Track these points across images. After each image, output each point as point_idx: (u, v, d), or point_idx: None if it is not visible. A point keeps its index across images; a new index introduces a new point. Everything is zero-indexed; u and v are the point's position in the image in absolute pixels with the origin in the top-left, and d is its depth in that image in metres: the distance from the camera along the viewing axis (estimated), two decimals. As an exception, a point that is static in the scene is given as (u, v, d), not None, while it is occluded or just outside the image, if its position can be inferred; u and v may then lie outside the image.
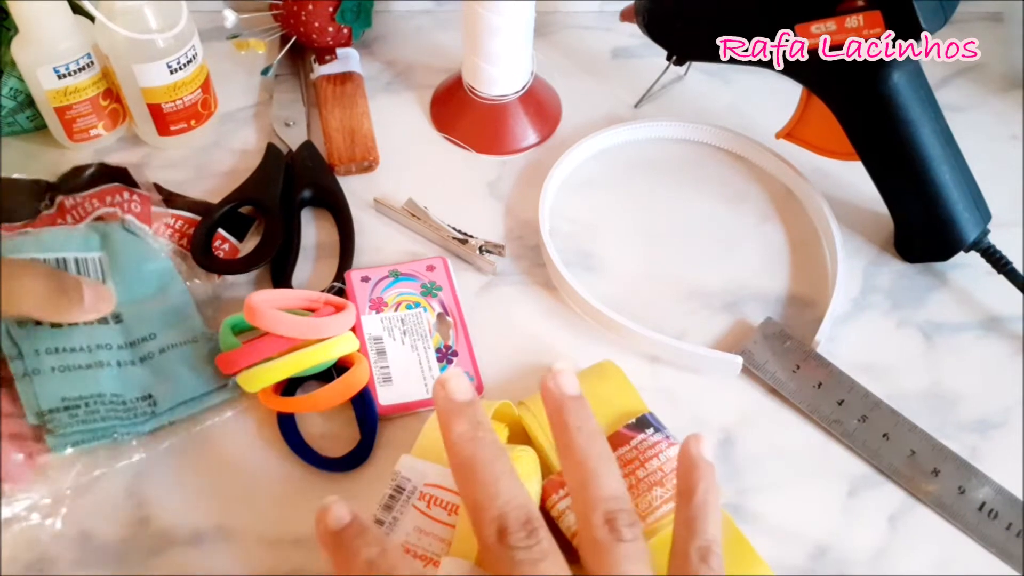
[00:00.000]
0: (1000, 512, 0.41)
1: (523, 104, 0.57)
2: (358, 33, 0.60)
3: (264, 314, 0.42)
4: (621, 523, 0.31)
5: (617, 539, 0.30)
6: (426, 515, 0.36)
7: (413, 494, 0.36)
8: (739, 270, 0.51)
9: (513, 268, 0.51)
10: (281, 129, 0.56)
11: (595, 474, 0.32)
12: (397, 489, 0.36)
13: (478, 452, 0.31)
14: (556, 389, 0.34)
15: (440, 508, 0.36)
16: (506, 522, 0.30)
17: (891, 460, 0.43)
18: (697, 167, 0.56)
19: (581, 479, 0.32)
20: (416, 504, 0.36)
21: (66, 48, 0.49)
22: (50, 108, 0.51)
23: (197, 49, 0.52)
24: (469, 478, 0.31)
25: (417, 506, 0.36)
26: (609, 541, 0.30)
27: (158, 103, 0.52)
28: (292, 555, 0.39)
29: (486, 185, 0.55)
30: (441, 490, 0.36)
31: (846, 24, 0.44)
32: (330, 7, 0.58)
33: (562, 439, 0.33)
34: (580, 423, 0.33)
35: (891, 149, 0.48)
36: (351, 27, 0.59)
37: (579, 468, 0.32)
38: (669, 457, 0.39)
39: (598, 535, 0.30)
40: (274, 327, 0.42)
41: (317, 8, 0.58)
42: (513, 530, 0.30)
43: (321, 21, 0.58)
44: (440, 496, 0.36)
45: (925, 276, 0.51)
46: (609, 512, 0.31)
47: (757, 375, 0.46)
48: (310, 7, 0.58)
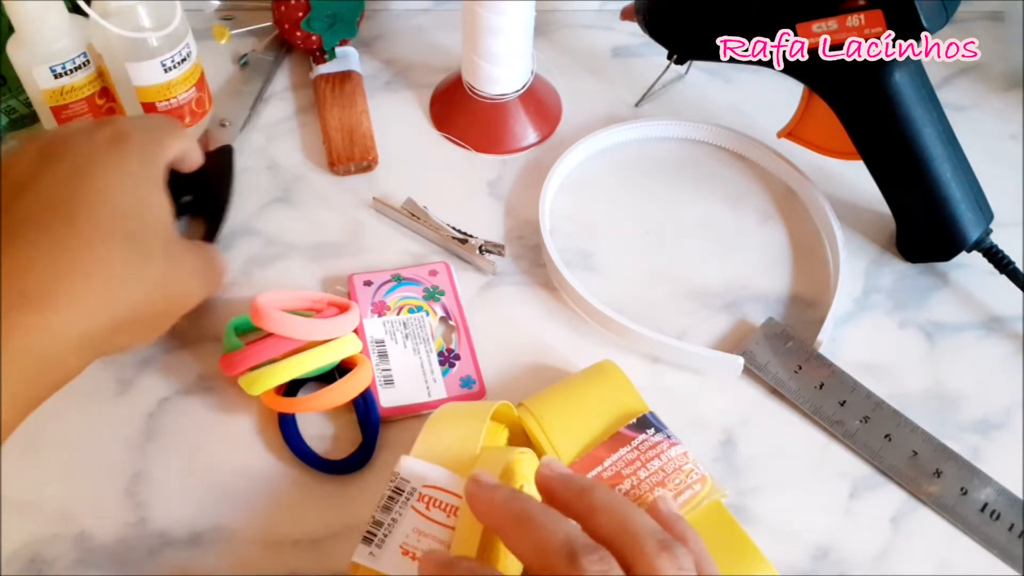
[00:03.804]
0: (1002, 513, 0.41)
1: (523, 103, 0.56)
2: (330, 43, 0.58)
3: (270, 316, 0.42)
4: (675, 547, 0.31)
5: (676, 560, 0.30)
6: (425, 516, 0.36)
7: (412, 495, 0.36)
8: (740, 270, 0.51)
9: (513, 268, 0.50)
10: (215, 128, 0.55)
11: (631, 515, 0.32)
12: (396, 490, 0.36)
13: (527, 505, 0.32)
14: (554, 472, 0.34)
15: (439, 510, 0.36)
16: (575, 547, 0.30)
17: (893, 461, 0.43)
18: (698, 166, 0.56)
19: (619, 522, 0.32)
20: (415, 505, 0.36)
21: (62, 47, 0.49)
22: (46, 109, 0.51)
23: (191, 48, 0.52)
24: (527, 526, 0.31)
25: (416, 507, 0.36)
26: (672, 565, 0.30)
27: (152, 102, 0.52)
28: (291, 556, 0.39)
29: (486, 185, 0.55)
30: (440, 492, 0.36)
31: (847, 23, 0.44)
32: (299, 12, 0.57)
33: (582, 502, 0.33)
34: (590, 484, 0.34)
35: (893, 148, 0.48)
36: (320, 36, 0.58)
37: (610, 515, 0.32)
38: (671, 457, 0.39)
39: (660, 563, 0.30)
40: (280, 329, 0.42)
41: (288, 10, 0.57)
42: (584, 552, 0.30)
43: (291, 24, 0.58)
44: (439, 498, 0.36)
45: (927, 276, 0.51)
46: (662, 541, 0.31)
47: (758, 375, 0.46)
48: (282, 8, 0.57)
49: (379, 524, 0.36)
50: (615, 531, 0.32)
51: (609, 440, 0.40)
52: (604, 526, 0.32)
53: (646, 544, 0.30)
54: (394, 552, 0.35)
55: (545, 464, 0.35)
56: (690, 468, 0.39)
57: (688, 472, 0.39)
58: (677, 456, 0.39)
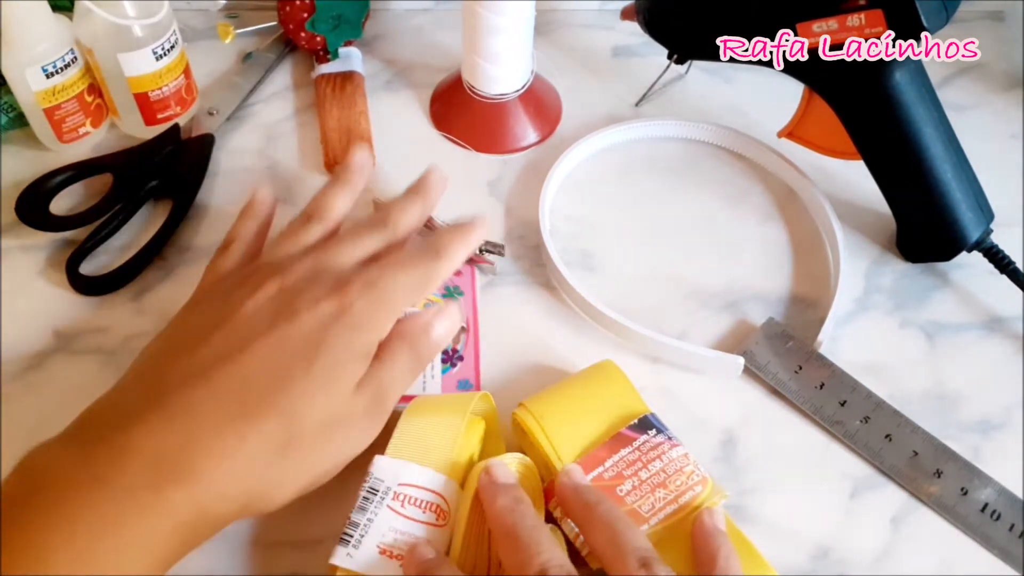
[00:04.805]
0: (1002, 513, 0.41)
1: (523, 103, 0.56)
2: (334, 44, 0.58)
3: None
4: (656, 566, 0.33)
5: None
6: (400, 514, 0.36)
7: (387, 494, 0.36)
8: (740, 270, 0.51)
9: (513, 268, 0.50)
10: (203, 115, 0.56)
11: (624, 531, 0.34)
12: (371, 490, 0.37)
13: (519, 521, 0.34)
14: (570, 482, 0.37)
15: (414, 507, 0.36)
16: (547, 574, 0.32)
17: (893, 461, 0.43)
18: (698, 166, 0.56)
19: (611, 536, 0.34)
20: (391, 504, 0.36)
21: (50, 46, 0.49)
22: (39, 110, 0.51)
23: (178, 34, 0.52)
24: (512, 543, 0.34)
25: (391, 506, 0.36)
26: None
27: (145, 91, 0.52)
28: (291, 556, 0.39)
29: (486, 184, 0.55)
30: (415, 488, 0.37)
31: (847, 23, 0.44)
32: (304, 12, 0.57)
33: (586, 514, 0.36)
34: (598, 499, 0.36)
35: (893, 148, 0.48)
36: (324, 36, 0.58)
37: (606, 529, 0.35)
38: (672, 459, 0.39)
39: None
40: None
41: (293, 11, 0.57)
42: None
43: (295, 24, 0.58)
44: (414, 495, 0.36)
45: (927, 276, 0.51)
46: (644, 559, 0.33)
47: (759, 375, 0.46)
48: (287, 8, 0.57)
49: (355, 525, 0.36)
50: (605, 545, 0.34)
51: (610, 441, 0.40)
52: (598, 540, 0.35)
53: (628, 560, 0.33)
54: (371, 552, 0.35)
55: (564, 472, 0.38)
56: (691, 470, 0.39)
57: (689, 474, 0.39)
58: (678, 457, 0.39)
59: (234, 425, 0.34)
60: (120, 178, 0.51)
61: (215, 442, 0.33)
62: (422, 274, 0.40)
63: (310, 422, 0.35)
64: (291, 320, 0.36)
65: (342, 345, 0.36)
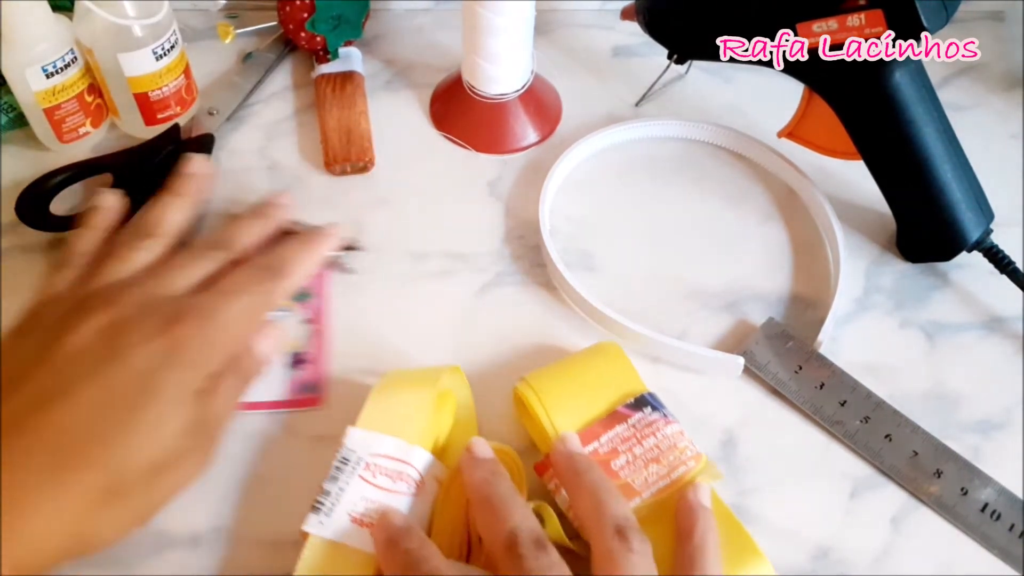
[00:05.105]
0: (1002, 513, 0.41)
1: (523, 103, 0.56)
2: (334, 44, 0.58)
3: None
4: (631, 535, 0.34)
5: (628, 549, 0.33)
6: (371, 484, 0.37)
7: (359, 464, 0.37)
8: (740, 270, 0.51)
9: (513, 268, 0.50)
10: (203, 115, 0.56)
11: (606, 500, 0.36)
12: (343, 460, 0.38)
13: (494, 491, 0.36)
14: (564, 448, 0.38)
15: (385, 476, 0.37)
16: (517, 536, 0.33)
17: (893, 461, 0.43)
18: (698, 166, 0.56)
19: (593, 504, 0.35)
20: (362, 474, 0.37)
21: (50, 46, 0.49)
22: (39, 111, 0.51)
23: (178, 34, 0.52)
24: (487, 510, 0.35)
25: (363, 476, 0.37)
26: (621, 550, 0.33)
27: (145, 92, 0.52)
28: (291, 556, 0.39)
29: (486, 184, 0.55)
30: (386, 459, 0.38)
31: (847, 23, 0.44)
32: (304, 12, 0.57)
33: (574, 480, 0.37)
34: (587, 466, 0.37)
35: (893, 148, 0.48)
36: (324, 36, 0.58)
37: (590, 497, 0.36)
38: (666, 435, 0.40)
39: (611, 545, 0.34)
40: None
41: (293, 11, 0.57)
42: (523, 542, 0.33)
43: (295, 24, 0.58)
44: (384, 465, 0.37)
45: (927, 276, 0.51)
46: (620, 527, 0.34)
47: (759, 375, 0.46)
48: (287, 8, 0.57)
49: (327, 494, 0.37)
50: (588, 511, 0.36)
51: (607, 417, 0.40)
52: (582, 506, 0.36)
53: (606, 528, 0.34)
54: (343, 520, 0.36)
55: (560, 439, 0.39)
56: (684, 446, 0.40)
57: (683, 449, 0.39)
58: (673, 434, 0.40)
59: (54, 480, 0.32)
60: (120, 178, 0.51)
61: (30, 499, 0.31)
62: (260, 298, 0.39)
63: (135, 470, 0.33)
64: (118, 360, 0.34)
65: (173, 386, 0.35)
